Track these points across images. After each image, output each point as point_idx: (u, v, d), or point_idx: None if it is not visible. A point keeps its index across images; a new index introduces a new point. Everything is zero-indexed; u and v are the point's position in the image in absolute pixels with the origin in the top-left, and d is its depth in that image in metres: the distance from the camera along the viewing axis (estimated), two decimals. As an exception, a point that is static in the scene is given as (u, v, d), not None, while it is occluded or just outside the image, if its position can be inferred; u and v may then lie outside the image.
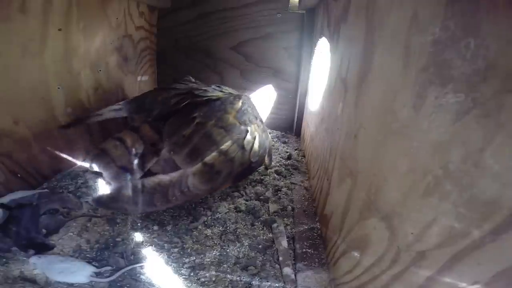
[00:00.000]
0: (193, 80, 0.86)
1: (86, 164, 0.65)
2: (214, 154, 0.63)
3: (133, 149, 0.62)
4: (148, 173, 0.62)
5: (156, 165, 0.63)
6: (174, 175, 0.61)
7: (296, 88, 1.24)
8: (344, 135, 0.56)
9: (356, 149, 0.49)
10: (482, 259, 0.23)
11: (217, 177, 0.63)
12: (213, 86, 0.80)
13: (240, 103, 0.71)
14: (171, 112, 0.69)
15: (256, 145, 0.70)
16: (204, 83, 0.85)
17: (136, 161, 0.62)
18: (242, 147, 0.66)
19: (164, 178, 0.60)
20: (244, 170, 0.69)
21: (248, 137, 0.68)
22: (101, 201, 0.60)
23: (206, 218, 0.68)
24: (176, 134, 0.64)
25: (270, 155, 0.75)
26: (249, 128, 0.69)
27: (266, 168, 0.76)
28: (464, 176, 0.24)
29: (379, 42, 0.42)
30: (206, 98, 0.71)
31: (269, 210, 0.73)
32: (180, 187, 0.60)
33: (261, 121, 0.76)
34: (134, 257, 0.56)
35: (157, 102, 0.72)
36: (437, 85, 0.27)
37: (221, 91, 0.78)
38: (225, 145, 0.64)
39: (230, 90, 0.82)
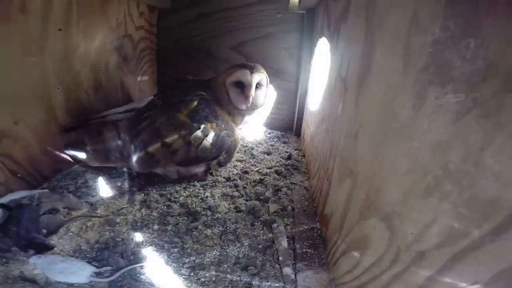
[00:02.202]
0: (191, 78, 0.88)
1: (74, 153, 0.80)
2: (157, 145, 0.73)
3: (122, 135, 0.76)
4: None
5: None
6: (119, 142, 0.76)
7: (296, 88, 1.24)
8: (344, 135, 0.56)
9: (356, 149, 0.49)
10: (482, 259, 0.23)
11: (155, 164, 0.77)
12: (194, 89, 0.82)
13: (195, 103, 0.76)
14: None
15: (207, 142, 0.76)
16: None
17: (121, 144, 0.76)
18: (189, 142, 0.74)
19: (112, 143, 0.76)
20: (189, 160, 0.77)
21: (198, 133, 0.74)
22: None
23: (206, 218, 0.68)
24: (134, 128, 0.76)
25: (228, 152, 0.81)
26: (202, 126, 0.74)
27: (219, 165, 0.83)
28: (464, 176, 0.24)
29: (379, 42, 0.42)
30: (174, 100, 0.78)
31: (269, 210, 0.73)
32: (122, 152, 0.76)
33: (224, 122, 0.79)
34: (134, 257, 0.56)
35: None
36: (437, 85, 0.27)
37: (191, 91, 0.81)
38: (170, 139, 0.73)
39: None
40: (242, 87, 0.78)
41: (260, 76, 0.80)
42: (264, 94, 0.85)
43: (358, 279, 0.42)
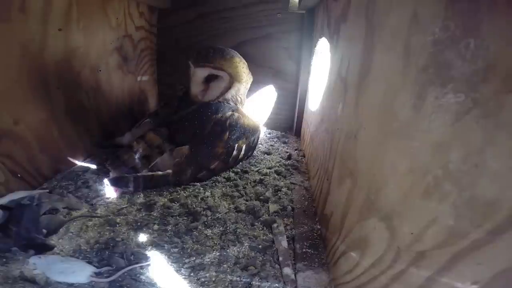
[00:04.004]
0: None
1: (90, 165, 0.86)
2: (203, 173, 0.83)
3: (138, 154, 0.80)
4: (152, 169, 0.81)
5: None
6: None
7: (296, 88, 1.24)
8: (344, 135, 0.56)
9: (356, 149, 0.49)
10: (482, 259, 0.23)
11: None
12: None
13: (226, 135, 0.86)
14: (172, 121, 0.88)
15: (240, 155, 0.91)
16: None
17: (140, 162, 0.80)
18: (224, 161, 0.87)
19: (147, 174, 0.79)
20: (220, 169, 0.89)
21: (234, 152, 0.88)
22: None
23: (206, 218, 0.68)
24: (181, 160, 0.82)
25: (254, 148, 1.00)
26: (235, 145, 0.88)
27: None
28: (464, 176, 0.24)
29: (379, 42, 0.42)
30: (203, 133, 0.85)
31: (269, 210, 0.73)
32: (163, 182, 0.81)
33: (247, 134, 0.91)
34: (134, 257, 0.56)
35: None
36: (437, 85, 0.27)
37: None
38: (213, 166, 0.85)
39: (235, 104, 0.93)
40: None
41: (208, 71, 0.88)
42: (222, 86, 0.90)
43: (358, 279, 0.42)
